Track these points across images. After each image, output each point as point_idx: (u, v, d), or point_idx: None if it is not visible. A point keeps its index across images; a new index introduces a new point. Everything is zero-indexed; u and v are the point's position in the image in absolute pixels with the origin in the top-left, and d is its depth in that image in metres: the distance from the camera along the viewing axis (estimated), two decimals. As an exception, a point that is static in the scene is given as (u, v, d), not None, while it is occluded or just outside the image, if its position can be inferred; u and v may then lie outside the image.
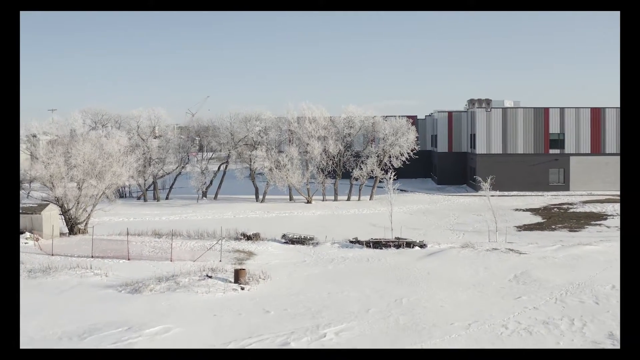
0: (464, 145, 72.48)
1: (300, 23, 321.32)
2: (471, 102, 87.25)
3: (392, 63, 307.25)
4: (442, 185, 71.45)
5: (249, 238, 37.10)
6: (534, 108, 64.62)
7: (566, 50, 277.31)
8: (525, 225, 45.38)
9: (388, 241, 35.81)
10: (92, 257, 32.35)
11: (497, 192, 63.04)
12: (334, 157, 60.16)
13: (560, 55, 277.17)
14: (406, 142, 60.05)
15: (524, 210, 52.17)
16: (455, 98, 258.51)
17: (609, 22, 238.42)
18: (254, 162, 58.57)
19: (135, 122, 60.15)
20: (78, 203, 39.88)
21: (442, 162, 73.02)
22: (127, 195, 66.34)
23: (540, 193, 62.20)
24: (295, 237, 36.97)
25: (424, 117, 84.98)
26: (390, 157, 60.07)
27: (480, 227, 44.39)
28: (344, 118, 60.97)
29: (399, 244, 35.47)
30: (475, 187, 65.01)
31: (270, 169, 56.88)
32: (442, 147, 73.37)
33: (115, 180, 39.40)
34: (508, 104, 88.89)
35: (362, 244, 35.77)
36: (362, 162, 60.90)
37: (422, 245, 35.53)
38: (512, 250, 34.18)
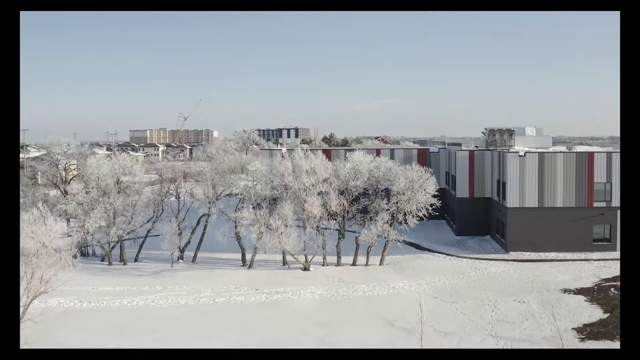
0: (488, 190, 61.93)
1: (300, 23, 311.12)
2: (491, 132, 76.85)
3: (385, 62, 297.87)
4: (461, 237, 60.96)
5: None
6: (576, 153, 54.13)
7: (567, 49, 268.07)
8: (586, 326, 35.02)
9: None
10: None
11: (533, 254, 52.95)
12: (336, 215, 49.74)
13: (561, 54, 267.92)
14: (424, 196, 49.60)
15: (574, 293, 41.76)
16: (451, 97, 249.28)
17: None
18: (240, 225, 47.98)
19: (95, 172, 49.13)
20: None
21: (462, 208, 62.37)
22: (90, 253, 55.84)
23: (583, 255, 51.91)
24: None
25: (437, 150, 74.59)
26: (405, 214, 49.64)
27: (530, 330, 34.25)
28: (349, 168, 50.35)
29: (436, 394, 25.09)
30: (505, 245, 54.70)
31: (260, 233, 46.37)
32: (462, 191, 62.71)
33: (43, 288, 28.83)
34: (530, 131, 78.63)
35: (384, 394, 25.36)
36: (370, 218, 50.52)
37: (468, 397, 25.13)
38: (598, 409, 23.97)
